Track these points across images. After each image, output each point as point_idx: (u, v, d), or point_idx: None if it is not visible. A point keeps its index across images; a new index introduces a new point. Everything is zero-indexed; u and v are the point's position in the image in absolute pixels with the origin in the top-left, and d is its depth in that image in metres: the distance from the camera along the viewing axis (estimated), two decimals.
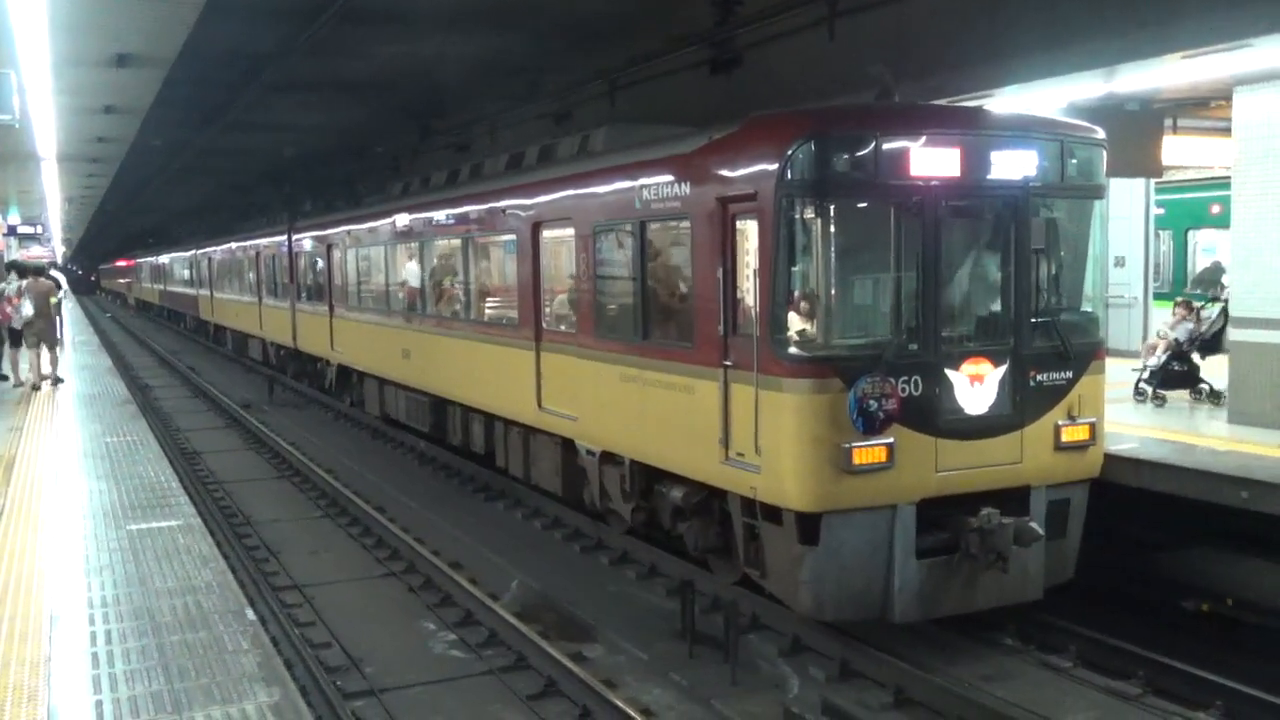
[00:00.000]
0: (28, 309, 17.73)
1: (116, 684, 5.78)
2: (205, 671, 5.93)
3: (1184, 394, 12.61)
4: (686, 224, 9.54)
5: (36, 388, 18.04)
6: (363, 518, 13.78)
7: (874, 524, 8.34)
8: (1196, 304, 13.16)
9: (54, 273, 29.58)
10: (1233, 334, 11.43)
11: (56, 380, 18.34)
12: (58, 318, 19.30)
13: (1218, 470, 9.18)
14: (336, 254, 21.50)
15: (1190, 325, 12.73)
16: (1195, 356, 12.62)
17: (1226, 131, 12.01)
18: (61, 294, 22.65)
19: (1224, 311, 12.47)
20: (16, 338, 18.60)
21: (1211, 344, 12.57)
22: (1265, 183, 10.95)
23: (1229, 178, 11.80)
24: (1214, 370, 12.65)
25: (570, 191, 11.73)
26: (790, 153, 8.21)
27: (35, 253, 41.90)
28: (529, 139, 14.85)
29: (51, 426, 14.09)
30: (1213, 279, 17.15)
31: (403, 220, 17.36)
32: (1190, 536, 9.63)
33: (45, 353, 18.34)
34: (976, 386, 8.65)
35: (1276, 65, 9.93)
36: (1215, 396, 12.33)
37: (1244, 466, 9.24)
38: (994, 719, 7.63)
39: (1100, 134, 9.43)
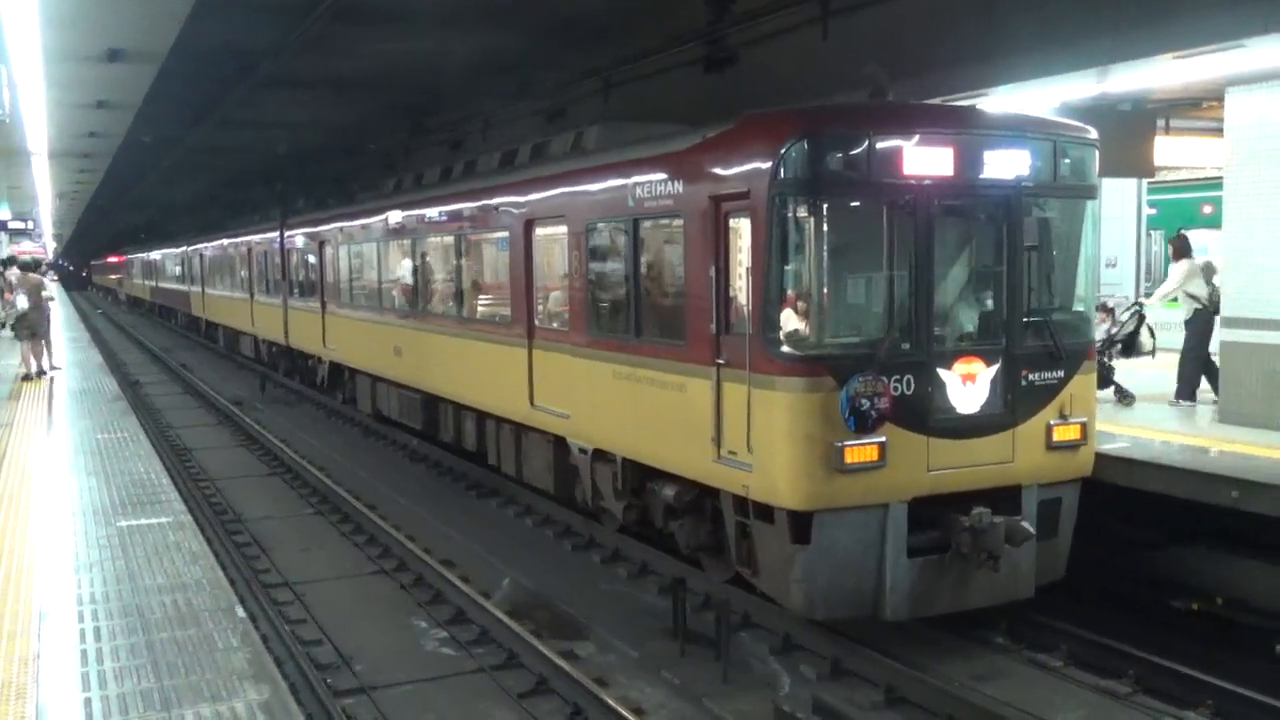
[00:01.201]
0: (22, 302, 17.94)
1: (105, 681, 5.75)
2: (195, 669, 5.90)
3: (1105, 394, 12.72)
4: (679, 222, 9.52)
5: (29, 377, 18.10)
6: (354, 515, 13.76)
7: (866, 523, 8.34)
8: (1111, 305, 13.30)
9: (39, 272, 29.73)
10: (1225, 334, 11.46)
11: (53, 368, 18.51)
12: (47, 308, 19.52)
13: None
14: (329, 251, 21.46)
15: (1106, 327, 12.81)
16: (1108, 358, 12.69)
17: (1219, 132, 12.03)
18: (49, 289, 22.83)
19: (1137, 315, 12.60)
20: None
21: (1127, 346, 12.67)
22: (1257, 183, 10.96)
23: (1221, 178, 11.82)
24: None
25: (563, 189, 11.71)
26: (783, 151, 8.20)
27: (25, 248, 41.91)
28: (522, 136, 14.83)
29: (41, 422, 14.03)
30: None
31: (395, 217, 17.33)
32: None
33: (38, 344, 18.51)
34: (969, 386, 8.65)
35: (1269, 66, 9.95)
36: (1127, 398, 12.46)
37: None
38: (985, 718, 7.63)
39: (1093, 134, 9.43)
